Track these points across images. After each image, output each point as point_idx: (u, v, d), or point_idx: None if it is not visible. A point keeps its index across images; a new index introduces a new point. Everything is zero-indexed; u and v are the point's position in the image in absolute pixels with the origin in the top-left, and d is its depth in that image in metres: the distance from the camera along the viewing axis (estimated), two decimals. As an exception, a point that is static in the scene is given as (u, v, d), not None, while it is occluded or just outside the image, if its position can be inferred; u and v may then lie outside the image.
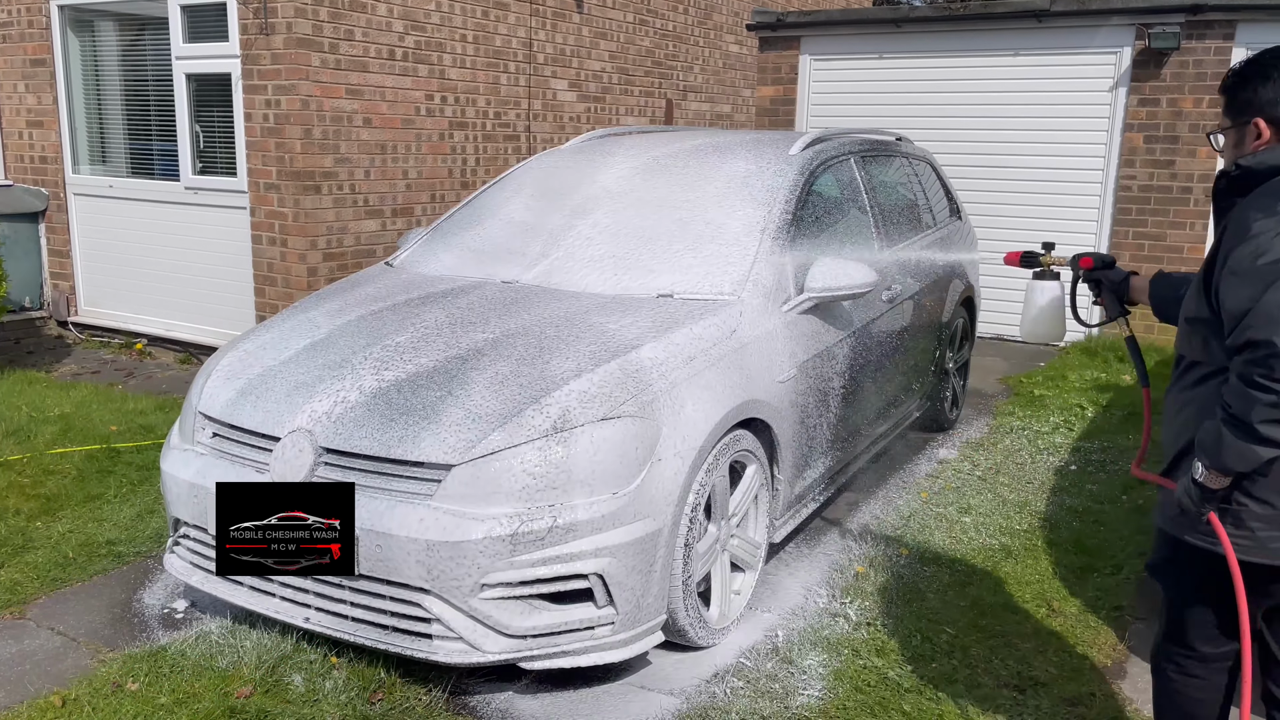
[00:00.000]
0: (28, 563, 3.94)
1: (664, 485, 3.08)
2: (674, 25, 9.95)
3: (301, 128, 6.37)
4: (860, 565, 4.05)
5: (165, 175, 7.24)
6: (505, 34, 7.82)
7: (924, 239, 5.42)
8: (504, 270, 4.15)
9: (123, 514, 4.41)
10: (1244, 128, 2.35)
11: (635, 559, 3.01)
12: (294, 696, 3.05)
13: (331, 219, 6.65)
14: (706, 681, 3.23)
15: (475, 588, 2.91)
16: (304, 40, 6.28)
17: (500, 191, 4.75)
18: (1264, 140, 2.31)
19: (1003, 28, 8.26)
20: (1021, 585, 3.91)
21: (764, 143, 4.69)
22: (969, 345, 6.24)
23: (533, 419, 3.04)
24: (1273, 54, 2.33)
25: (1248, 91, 2.34)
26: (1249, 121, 2.33)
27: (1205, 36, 7.59)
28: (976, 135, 8.40)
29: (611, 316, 3.58)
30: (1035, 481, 5.09)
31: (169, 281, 7.29)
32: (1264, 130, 2.30)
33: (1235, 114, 2.38)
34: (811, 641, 3.46)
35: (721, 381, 3.39)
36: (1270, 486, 2.17)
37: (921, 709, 3.08)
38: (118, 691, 3.07)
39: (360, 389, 3.26)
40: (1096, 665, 3.38)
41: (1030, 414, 6.27)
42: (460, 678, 3.20)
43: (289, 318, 3.92)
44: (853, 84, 9.01)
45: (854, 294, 3.98)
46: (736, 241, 3.98)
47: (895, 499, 4.83)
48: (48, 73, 7.55)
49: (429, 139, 7.29)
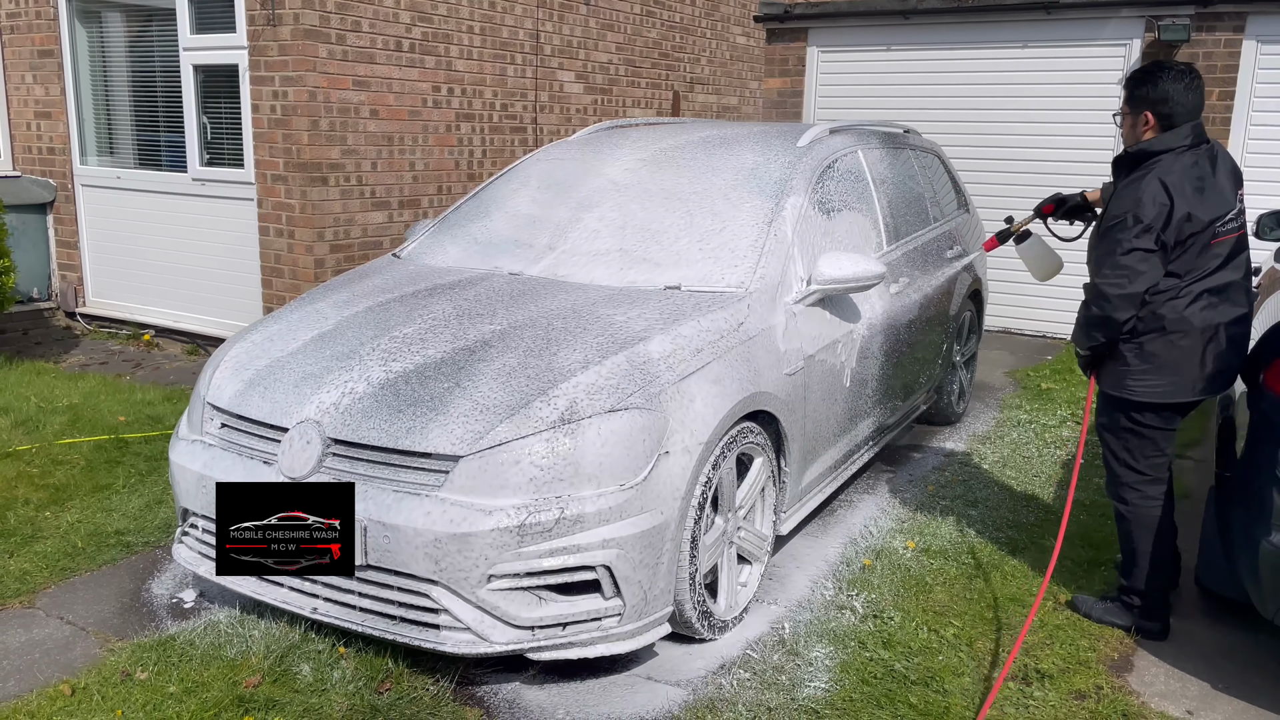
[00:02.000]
0: (37, 552, 3.95)
1: (671, 477, 3.09)
2: (681, 17, 9.92)
3: (309, 119, 6.37)
4: (867, 558, 4.05)
5: (172, 167, 7.24)
6: (512, 25, 7.81)
7: (931, 232, 5.40)
8: (511, 262, 4.15)
9: (131, 504, 4.43)
10: (1137, 116, 3.28)
11: (642, 551, 3.02)
12: (302, 686, 3.06)
13: (338, 210, 6.65)
14: (713, 673, 3.23)
15: (483, 579, 2.92)
16: (311, 31, 6.28)
17: (507, 183, 4.74)
18: (1150, 128, 3.26)
19: (1012, 19, 8.23)
20: (1028, 579, 3.91)
21: (771, 135, 4.68)
22: (976, 338, 6.22)
23: (540, 411, 3.04)
24: (1161, 65, 3.27)
25: (1143, 89, 3.26)
26: (1141, 113, 3.26)
27: (1215, 29, 7.55)
28: (985, 128, 8.38)
29: (619, 308, 3.58)
30: (1042, 475, 5.09)
31: (176, 273, 7.31)
32: (1150, 121, 3.26)
33: (1132, 105, 3.31)
34: (818, 634, 3.46)
35: (729, 374, 3.39)
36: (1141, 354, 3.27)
37: (928, 701, 3.08)
38: (127, 680, 3.08)
39: (368, 380, 3.26)
40: (1103, 658, 3.38)
41: (1037, 407, 6.26)
42: (468, 668, 3.21)
43: (297, 309, 3.92)
44: (860, 76, 8.98)
45: (861, 286, 3.98)
46: (744, 234, 3.97)
47: (902, 492, 4.83)
48: (55, 64, 7.56)
49: (436, 131, 7.28)
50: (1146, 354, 3.27)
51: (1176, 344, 3.23)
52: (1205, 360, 3.24)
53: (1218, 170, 3.24)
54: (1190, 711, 3.11)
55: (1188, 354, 3.24)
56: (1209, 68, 7.59)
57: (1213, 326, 3.22)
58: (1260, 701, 3.17)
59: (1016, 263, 4.22)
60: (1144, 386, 3.30)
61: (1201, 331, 3.22)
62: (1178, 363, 3.25)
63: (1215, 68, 7.57)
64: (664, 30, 9.71)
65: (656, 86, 9.70)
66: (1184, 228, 3.14)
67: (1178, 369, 3.25)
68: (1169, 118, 3.24)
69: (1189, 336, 3.22)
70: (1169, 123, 3.24)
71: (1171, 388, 3.28)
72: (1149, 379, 3.28)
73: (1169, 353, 3.24)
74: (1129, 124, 3.34)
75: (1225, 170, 3.26)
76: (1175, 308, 3.21)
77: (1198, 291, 3.20)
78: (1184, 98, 3.22)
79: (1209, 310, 3.21)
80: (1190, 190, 3.14)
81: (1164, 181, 3.14)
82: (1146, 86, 3.26)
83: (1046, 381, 6.79)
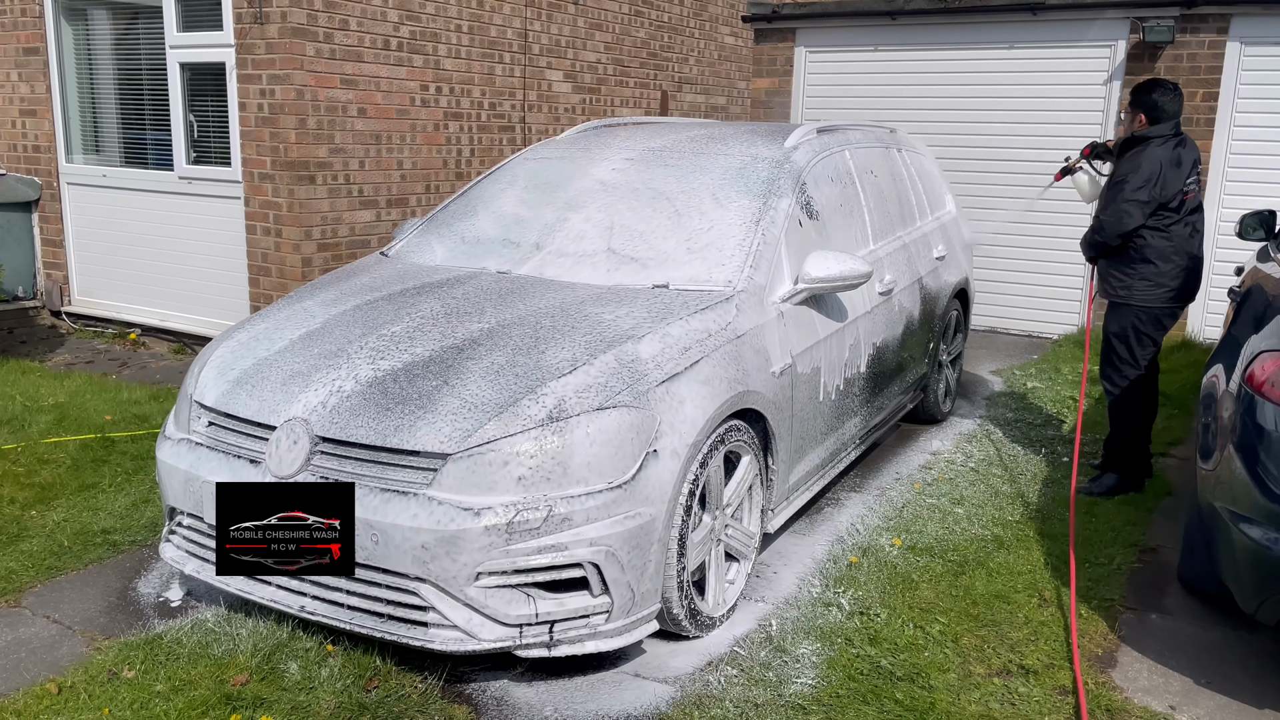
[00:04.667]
0: (23, 551, 3.94)
1: (659, 475, 3.10)
2: (669, 17, 9.93)
3: (296, 118, 6.36)
4: (854, 555, 4.07)
5: (159, 165, 7.22)
6: (500, 24, 7.81)
7: (918, 231, 5.43)
8: (499, 261, 4.16)
9: (118, 503, 4.41)
10: (1134, 115, 4.67)
11: (630, 549, 3.03)
12: (290, 684, 3.06)
13: (326, 209, 6.64)
14: (701, 670, 3.25)
15: (471, 576, 2.92)
16: (298, 30, 6.27)
17: (496, 182, 4.75)
18: (1142, 124, 4.63)
19: (997, 20, 8.27)
20: (1013, 575, 3.94)
21: (759, 135, 4.69)
22: (963, 337, 6.26)
23: (528, 409, 3.05)
24: (1155, 81, 4.65)
25: (1141, 96, 4.64)
26: (1138, 113, 4.66)
27: (1199, 30, 7.61)
28: (971, 128, 8.42)
29: (607, 307, 3.59)
30: (1028, 473, 5.12)
31: (163, 271, 7.28)
32: (1142, 119, 4.63)
33: (1132, 106, 4.70)
34: (805, 630, 3.48)
35: (717, 373, 3.40)
36: (1134, 274, 4.62)
37: (914, 697, 3.10)
38: (114, 679, 3.08)
39: (356, 378, 3.26)
40: (1087, 654, 3.41)
41: (1023, 406, 6.29)
42: (456, 665, 3.22)
43: (284, 307, 3.92)
44: (848, 76, 9.01)
45: (847, 285, 4.00)
46: (732, 233, 3.99)
47: (889, 490, 4.86)
48: (41, 61, 7.52)
49: (424, 129, 7.28)
50: (1147, 274, 4.61)
51: (1162, 268, 4.59)
52: (1181, 277, 4.62)
53: (1183, 158, 4.57)
54: (1173, 707, 3.14)
55: (1170, 274, 4.60)
56: (1193, 69, 7.65)
57: (1185, 255, 4.59)
58: (1242, 696, 3.20)
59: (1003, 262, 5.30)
60: (1149, 297, 4.63)
61: (1180, 258, 4.59)
62: (1164, 279, 4.60)
63: (1199, 69, 7.63)
64: (652, 30, 9.73)
65: (645, 86, 9.71)
66: (1165, 190, 4.52)
67: (1164, 283, 4.61)
68: (1156, 119, 4.61)
69: (1170, 261, 4.58)
70: (1155, 121, 4.61)
71: (1163, 295, 4.63)
72: (1152, 291, 4.62)
73: (1159, 274, 4.60)
74: (1129, 119, 4.72)
75: (1189, 159, 4.62)
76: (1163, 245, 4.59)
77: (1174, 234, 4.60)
78: (1168, 105, 4.59)
79: (1184, 242, 4.61)
80: (1170, 166, 4.53)
81: (1157, 159, 4.51)
82: (1143, 95, 4.65)
83: (1033, 380, 6.83)
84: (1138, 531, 4.41)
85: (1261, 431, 3.11)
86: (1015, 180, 8.19)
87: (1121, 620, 3.66)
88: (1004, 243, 8.23)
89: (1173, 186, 4.50)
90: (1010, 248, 8.29)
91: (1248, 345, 3.41)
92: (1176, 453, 5.49)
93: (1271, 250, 4.98)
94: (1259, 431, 3.12)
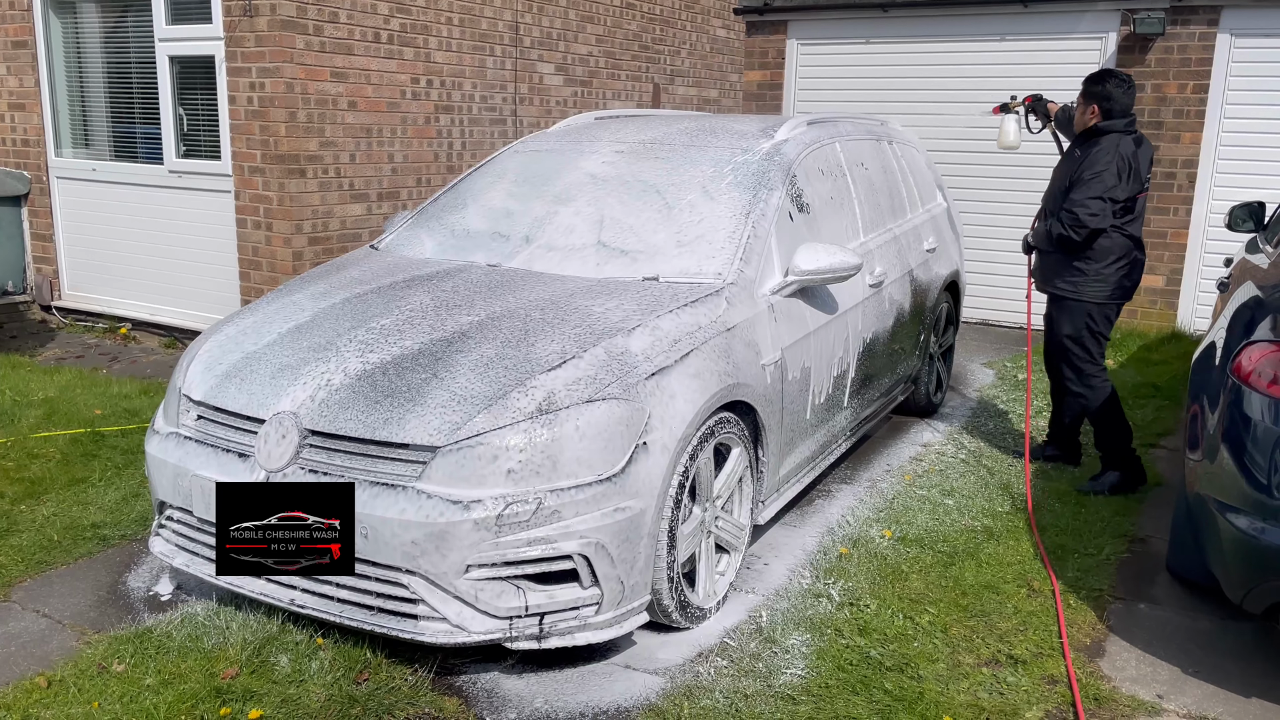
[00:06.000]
0: (12, 545, 3.93)
1: (649, 468, 3.10)
2: (661, 9, 9.92)
3: (286, 111, 6.34)
4: (844, 547, 4.08)
5: (149, 158, 7.19)
6: (491, 17, 7.79)
7: (908, 223, 5.44)
8: (489, 254, 4.15)
9: (107, 497, 4.41)
10: (1087, 106, 4.60)
11: (620, 541, 3.03)
12: (280, 677, 3.06)
13: (316, 203, 6.63)
14: (691, 661, 3.26)
15: (461, 569, 2.93)
16: (288, 23, 6.24)
17: (485, 175, 4.74)
18: (1094, 116, 4.59)
19: (989, 13, 8.27)
20: (1003, 566, 3.95)
21: (749, 127, 4.69)
22: (954, 329, 6.27)
23: (518, 401, 3.05)
24: (1108, 72, 4.61)
25: (1093, 86, 4.57)
26: (1090, 105, 4.58)
27: (1190, 22, 7.62)
28: (962, 120, 8.42)
29: (597, 300, 3.59)
30: (1018, 465, 5.13)
31: (153, 265, 7.26)
32: (1095, 110, 4.57)
33: (1084, 98, 4.62)
34: (795, 621, 3.49)
35: (707, 365, 3.40)
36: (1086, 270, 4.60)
37: (903, 687, 3.11)
38: (103, 673, 3.08)
39: (345, 371, 3.26)
40: (1075, 644, 3.42)
41: (1014, 398, 6.31)
42: (446, 658, 3.22)
43: (273, 301, 3.91)
44: (840, 69, 9.01)
45: (838, 277, 4.00)
46: (722, 226, 3.99)
47: (879, 481, 4.87)
48: (29, 55, 7.48)
49: (415, 122, 7.26)
50: (1100, 272, 4.61)
51: (1114, 265, 4.61)
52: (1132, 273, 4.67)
53: (1141, 156, 4.55)
54: (1160, 695, 3.16)
55: (1120, 270, 4.63)
56: (1183, 61, 7.66)
57: (1136, 251, 4.64)
58: (1229, 685, 3.22)
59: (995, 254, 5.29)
60: (1099, 293, 4.63)
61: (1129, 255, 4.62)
62: (1114, 275, 4.63)
63: (1190, 61, 7.64)
64: (644, 22, 9.71)
65: (637, 79, 9.69)
66: (1130, 188, 4.51)
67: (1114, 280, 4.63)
68: (1109, 111, 4.55)
69: (1121, 258, 4.60)
70: (1108, 114, 4.55)
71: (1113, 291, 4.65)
72: (1104, 288, 4.63)
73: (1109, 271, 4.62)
74: (1080, 110, 4.68)
75: (1146, 157, 4.60)
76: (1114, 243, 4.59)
77: (1130, 232, 4.60)
78: (1121, 97, 4.53)
79: (1135, 240, 4.64)
80: (1131, 163, 4.50)
81: (1123, 155, 4.47)
82: (1096, 85, 4.57)
83: (1023, 372, 6.85)
84: (1127, 522, 4.43)
85: (1248, 421, 3.12)
86: (1005, 172, 8.20)
87: (1110, 610, 3.68)
88: (995, 235, 8.24)
89: (1134, 185, 4.50)
90: (1001, 240, 8.30)
91: (1235, 336, 3.42)
92: (1166, 444, 5.51)
93: (1260, 241, 5.00)
94: (1245, 421, 3.13)
